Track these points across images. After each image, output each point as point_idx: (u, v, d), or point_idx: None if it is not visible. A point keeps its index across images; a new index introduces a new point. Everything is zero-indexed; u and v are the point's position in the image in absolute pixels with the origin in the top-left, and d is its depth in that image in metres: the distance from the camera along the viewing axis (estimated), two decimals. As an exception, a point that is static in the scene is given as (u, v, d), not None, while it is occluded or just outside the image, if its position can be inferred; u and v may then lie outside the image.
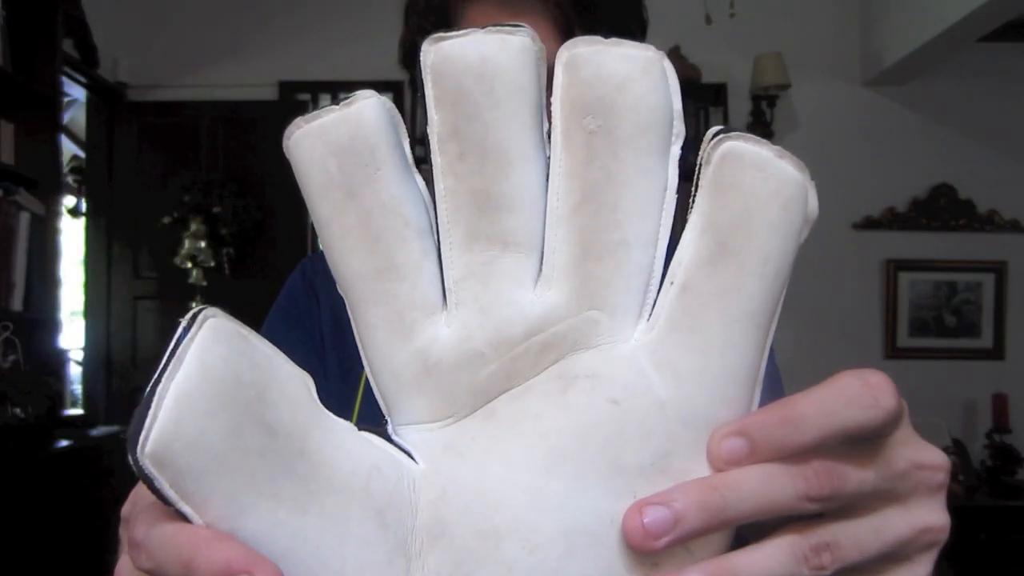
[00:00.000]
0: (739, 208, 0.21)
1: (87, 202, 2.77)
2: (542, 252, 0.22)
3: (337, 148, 0.21)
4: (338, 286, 0.22)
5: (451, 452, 0.22)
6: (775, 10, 2.71)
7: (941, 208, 2.74)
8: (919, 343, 2.74)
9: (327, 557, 0.20)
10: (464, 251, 0.21)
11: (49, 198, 2.15)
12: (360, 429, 0.22)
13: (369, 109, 0.21)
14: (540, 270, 0.22)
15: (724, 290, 0.21)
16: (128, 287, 2.72)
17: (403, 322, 0.22)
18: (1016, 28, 2.55)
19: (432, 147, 0.21)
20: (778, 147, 0.21)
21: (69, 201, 2.73)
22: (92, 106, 2.79)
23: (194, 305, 2.60)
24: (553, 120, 0.21)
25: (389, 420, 0.23)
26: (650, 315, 0.22)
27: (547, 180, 0.22)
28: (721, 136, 0.21)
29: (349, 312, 0.23)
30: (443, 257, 0.22)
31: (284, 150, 0.22)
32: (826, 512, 0.22)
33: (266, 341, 0.20)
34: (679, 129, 0.22)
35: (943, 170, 2.74)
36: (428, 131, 0.21)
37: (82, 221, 2.77)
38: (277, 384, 0.20)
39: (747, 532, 0.22)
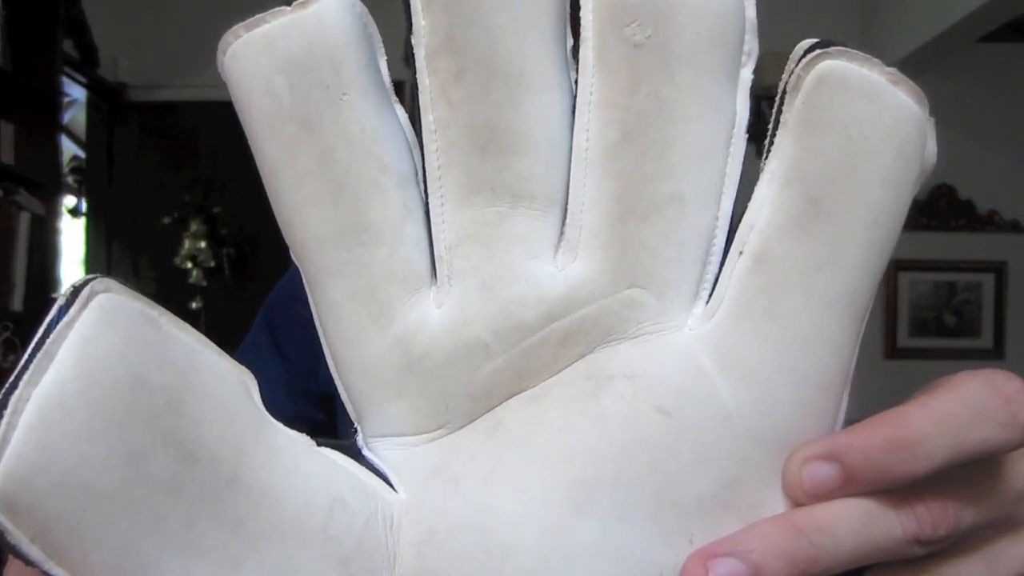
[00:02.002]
0: (839, 152, 0.16)
1: (87, 202, 2.77)
2: (565, 209, 0.16)
3: (288, 63, 0.15)
4: (292, 253, 0.17)
5: (442, 477, 0.16)
6: (775, 10, 2.70)
7: (941, 208, 2.74)
8: (919, 343, 2.73)
9: None
10: (461, 206, 0.16)
11: (49, 198, 2.15)
12: (320, 444, 0.16)
13: (332, 11, 0.16)
14: (563, 233, 0.16)
15: (815, 263, 0.16)
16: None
17: (377, 301, 0.16)
18: (1016, 28, 2.55)
19: (418, 64, 0.16)
20: (891, 68, 0.16)
21: (69, 201, 2.73)
22: (92, 106, 2.79)
23: (194, 305, 2.62)
24: (584, 31, 0.16)
25: (359, 430, 0.17)
26: (710, 295, 0.16)
27: (573, 112, 0.16)
28: (817, 52, 0.16)
29: (306, 289, 0.17)
30: (432, 214, 0.16)
31: (219, 68, 0.16)
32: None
33: (187, 326, 0.15)
34: (752, 46, 0.16)
35: (943, 170, 2.73)
36: (413, 42, 0.16)
37: (82, 221, 2.77)
38: (200, 388, 0.14)
39: None
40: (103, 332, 0.13)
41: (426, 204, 0.16)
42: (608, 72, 0.16)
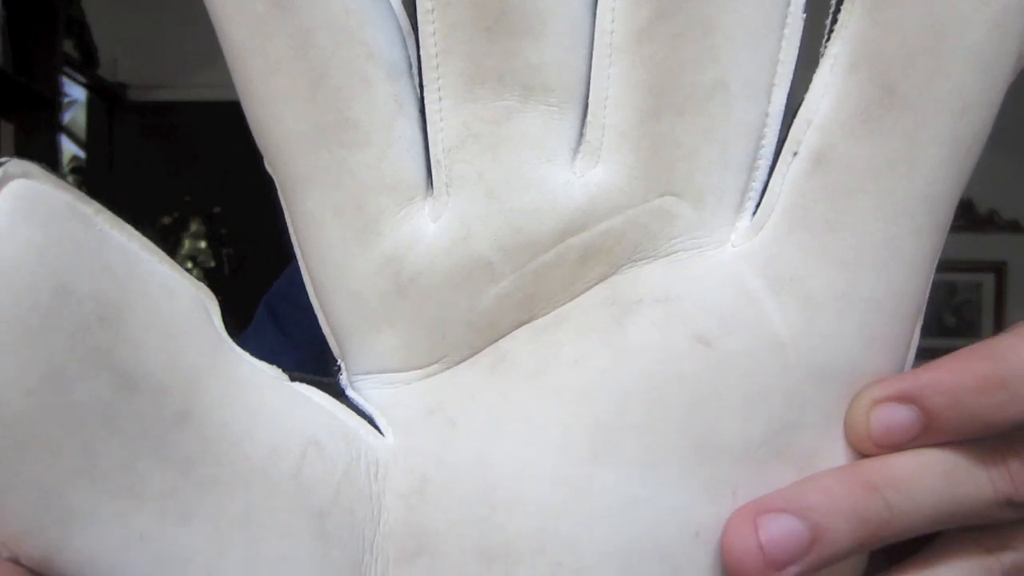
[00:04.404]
0: (919, 26, 0.13)
1: (87, 202, 2.78)
2: (586, 105, 0.14)
3: None
4: (265, 161, 0.14)
5: (438, 419, 0.14)
6: None
7: (941, 208, 2.75)
8: (919, 343, 2.74)
9: None
10: (462, 101, 0.13)
11: (49, 198, 2.15)
12: (294, 379, 0.14)
13: None
14: (583, 134, 0.14)
15: (888, 162, 0.13)
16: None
17: (363, 213, 0.14)
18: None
19: None
20: None
21: (69, 201, 2.73)
22: (92, 106, 2.80)
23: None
24: None
25: (342, 367, 0.15)
26: (758, 204, 0.14)
27: None
28: None
29: (281, 201, 0.15)
30: (428, 111, 0.14)
31: None
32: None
33: (134, 231, 0.12)
34: None
35: (943, 170, 2.74)
36: None
37: (82, 221, 2.77)
38: (144, 302, 0.12)
39: None
40: (17, 225, 0.11)
41: (421, 100, 0.14)
42: None
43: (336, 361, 0.15)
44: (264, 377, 0.13)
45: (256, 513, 0.12)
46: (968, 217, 2.78)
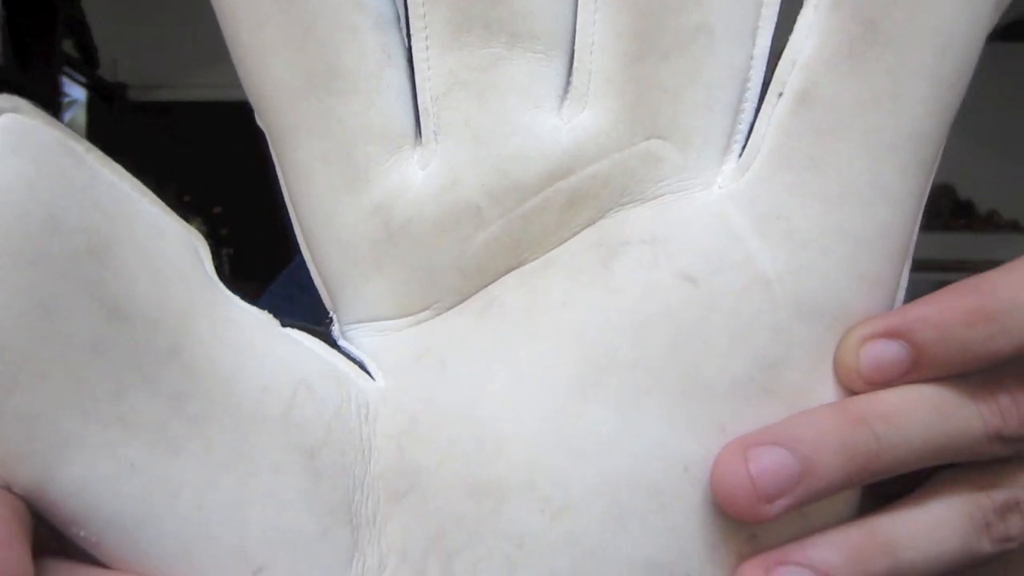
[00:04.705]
0: None
1: (87, 202, 2.78)
2: (572, 50, 0.14)
3: None
4: (256, 115, 0.15)
5: (427, 362, 0.14)
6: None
7: (941, 208, 2.74)
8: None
9: (214, 526, 0.12)
10: (449, 48, 0.14)
11: (49, 198, 2.15)
12: (286, 325, 0.14)
13: None
14: (569, 79, 0.14)
15: (872, 100, 0.13)
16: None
17: (353, 161, 0.14)
18: (1016, 28, 2.55)
19: None
20: None
21: (69, 201, 2.74)
22: (92, 106, 2.80)
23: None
24: None
25: (334, 318, 0.15)
26: (744, 146, 0.14)
27: None
28: None
29: (272, 154, 0.15)
30: (415, 60, 0.14)
31: None
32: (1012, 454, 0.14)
33: (124, 172, 0.13)
34: None
35: (943, 170, 2.71)
36: None
37: (82, 221, 2.78)
38: (133, 239, 0.12)
39: None
40: (6, 157, 0.11)
41: (409, 49, 0.14)
42: None
43: (328, 313, 0.15)
44: (255, 320, 0.14)
45: (246, 448, 0.13)
46: (968, 217, 2.78)
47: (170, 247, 0.13)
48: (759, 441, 0.13)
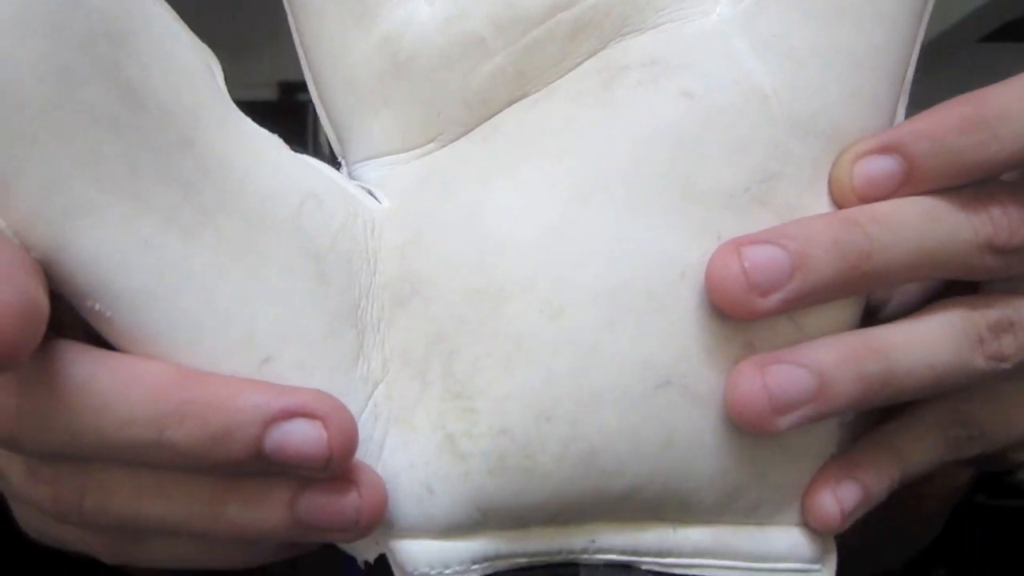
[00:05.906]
0: None
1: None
2: None
3: None
4: None
5: (431, 183, 0.14)
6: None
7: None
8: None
9: (224, 313, 0.12)
10: None
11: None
12: (296, 151, 0.15)
13: None
14: None
15: None
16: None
17: None
18: (1016, 28, 2.54)
19: None
20: None
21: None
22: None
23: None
24: None
25: (343, 161, 0.16)
26: None
27: None
28: None
29: (285, 3, 0.15)
30: None
31: None
32: (1005, 278, 0.14)
33: None
34: None
35: (943, 170, 2.73)
36: None
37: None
38: (150, 35, 0.12)
39: None
40: None
41: None
42: None
43: (336, 159, 0.16)
44: (267, 136, 0.14)
45: (255, 244, 0.13)
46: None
47: (184, 52, 0.13)
48: (752, 240, 0.13)
